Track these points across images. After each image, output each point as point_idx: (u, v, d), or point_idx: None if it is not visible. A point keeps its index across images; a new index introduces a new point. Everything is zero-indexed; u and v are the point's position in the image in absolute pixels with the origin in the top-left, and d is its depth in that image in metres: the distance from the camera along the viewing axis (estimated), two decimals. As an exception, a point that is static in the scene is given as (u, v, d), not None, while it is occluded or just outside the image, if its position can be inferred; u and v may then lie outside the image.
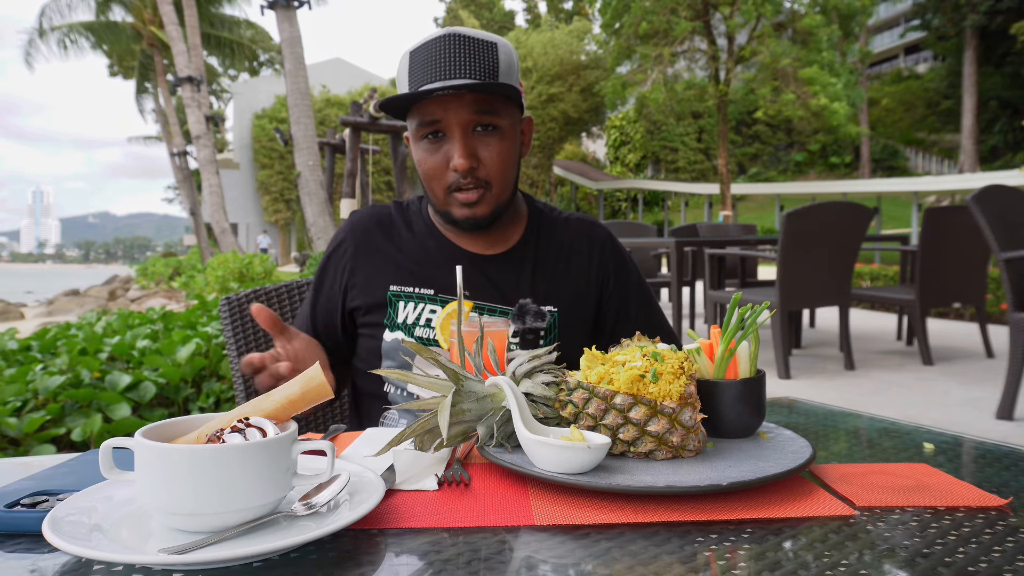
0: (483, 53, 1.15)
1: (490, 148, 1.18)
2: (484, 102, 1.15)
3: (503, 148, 1.19)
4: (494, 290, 1.26)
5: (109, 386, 2.86)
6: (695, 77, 23.73)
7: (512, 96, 1.17)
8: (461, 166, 1.15)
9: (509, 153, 1.20)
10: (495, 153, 1.18)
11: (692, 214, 31.48)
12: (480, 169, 1.17)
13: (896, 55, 40.92)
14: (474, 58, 1.14)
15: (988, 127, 29.76)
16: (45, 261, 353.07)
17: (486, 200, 1.20)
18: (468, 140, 1.16)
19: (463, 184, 1.17)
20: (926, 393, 4.19)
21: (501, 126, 1.18)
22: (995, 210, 3.37)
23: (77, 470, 0.79)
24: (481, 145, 1.17)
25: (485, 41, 1.17)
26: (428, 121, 1.16)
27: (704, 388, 0.84)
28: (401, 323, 1.24)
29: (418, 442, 0.79)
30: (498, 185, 1.20)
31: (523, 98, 1.25)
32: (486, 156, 1.17)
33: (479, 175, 1.18)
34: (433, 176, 1.19)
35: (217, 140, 35.65)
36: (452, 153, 1.16)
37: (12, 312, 15.35)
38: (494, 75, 1.16)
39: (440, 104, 1.14)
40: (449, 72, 1.13)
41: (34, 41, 23.31)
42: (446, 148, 1.17)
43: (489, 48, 1.16)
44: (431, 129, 1.17)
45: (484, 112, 1.15)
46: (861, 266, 9.43)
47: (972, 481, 0.76)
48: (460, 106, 1.14)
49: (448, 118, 1.15)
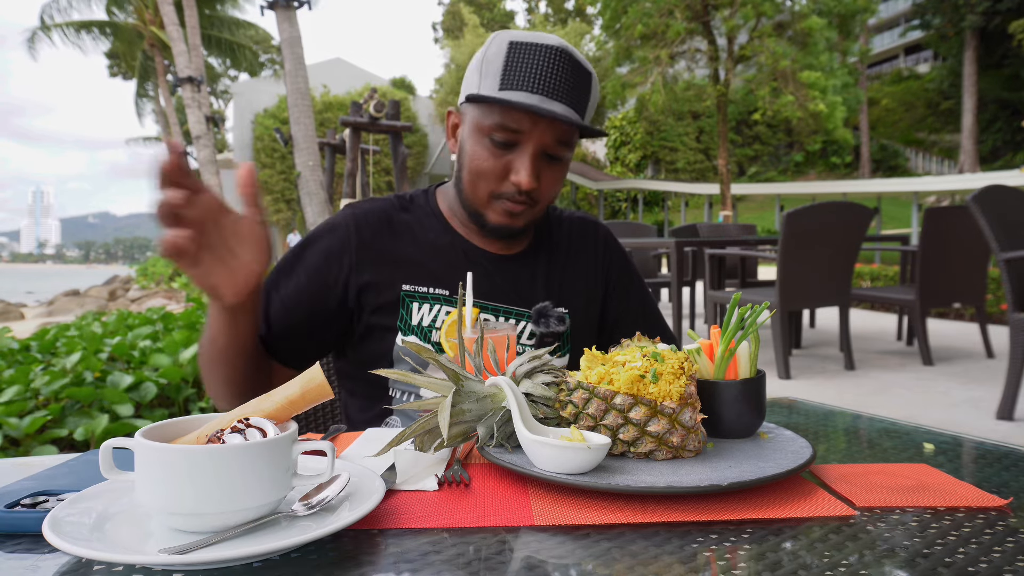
0: (586, 84, 1.16)
1: (551, 174, 1.18)
2: (567, 132, 1.15)
3: (561, 175, 1.20)
4: (512, 291, 1.24)
5: (110, 386, 2.86)
6: (695, 77, 23.73)
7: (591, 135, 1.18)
8: (527, 185, 1.13)
9: (563, 180, 1.22)
10: (554, 181, 1.19)
11: (692, 214, 31.47)
12: (536, 191, 1.17)
13: (896, 55, 40.92)
14: (575, 85, 1.14)
15: (988, 127, 29.76)
16: (45, 261, 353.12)
17: (527, 215, 1.20)
18: (539, 162, 1.15)
19: (515, 198, 1.17)
20: (926, 393, 4.19)
21: (567, 158, 1.19)
22: (995, 210, 3.37)
23: (77, 470, 0.79)
24: (546, 169, 1.17)
25: (587, 71, 1.17)
26: (510, 128, 1.12)
27: (704, 388, 0.84)
28: (416, 325, 1.19)
29: (418, 442, 0.79)
30: (543, 206, 1.21)
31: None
32: (545, 181, 1.18)
33: (533, 195, 1.17)
34: (486, 177, 1.16)
35: (217, 140, 35.65)
36: (519, 168, 1.14)
37: (12, 312, 15.34)
38: (584, 106, 1.17)
39: (530, 118, 1.12)
40: (552, 91, 1.12)
41: (37, 35, 23.31)
42: (511, 158, 1.14)
43: (588, 79, 1.17)
44: (506, 136, 1.13)
45: (563, 144, 1.16)
46: (861, 266, 9.43)
47: (972, 481, 0.75)
48: (547, 129, 1.13)
49: (531, 135, 1.13)
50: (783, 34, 21.38)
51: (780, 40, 20.63)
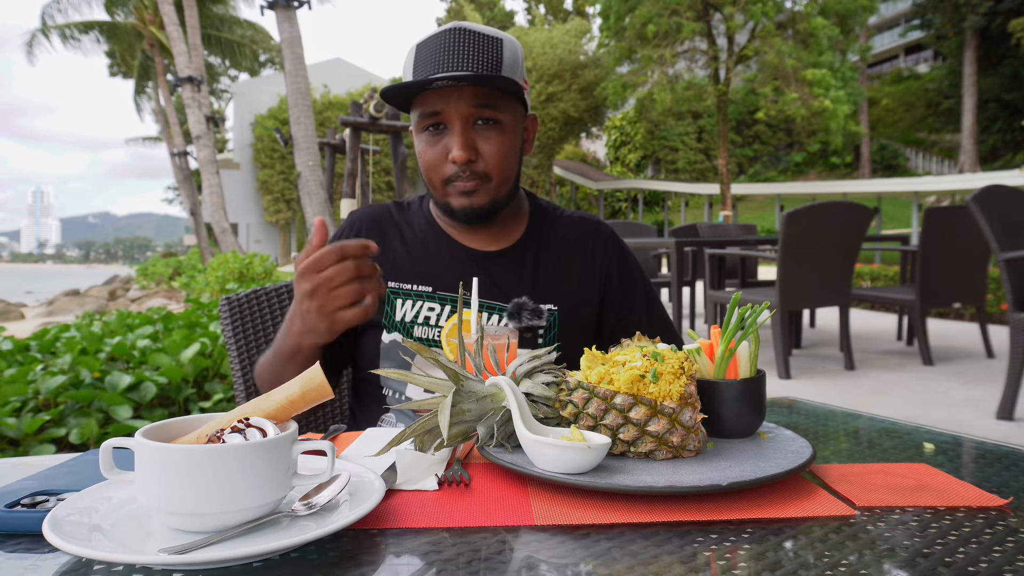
0: (487, 47, 1.16)
1: (490, 142, 1.18)
2: (485, 96, 1.15)
3: (503, 142, 1.19)
4: (495, 288, 1.25)
5: (109, 386, 2.86)
6: (695, 77, 23.72)
7: (514, 91, 1.17)
8: (459, 158, 1.15)
9: (509, 147, 1.20)
10: (495, 147, 1.18)
11: (692, 214, 31.47)
12: (479, 162, 1.17)
13: (896, 55, 40.91)
14: (478, 52, 1.14)
15: (988, 127, 29.74)
16: (45, 261, 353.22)
17: (483, 191, 1.20)
18: (468, 133, 1.16)
19: (461, 176, 1.18)
20: (926, 393, 4.19)
21: (502, 120, 1.18)
22: (995, 210, 3.37)
23: (77, 470, 0.79)
24: (481, 139, 1.17)
25: (490, 36, 1.17)
26: (429, 113, 1.16)
27: (704, 388, 0.84)
28: (399, 321, 1.23)
29: (418, 442, 0.79)
30: (497, 178, 1.20)
31: (527, 95, 1.24)
32: (485, 150, 1.18)
33: (477, 168, 1.18)
34: (432, 167, 1.20)
35: (217, 140, 35.66)
36: (451, 145, 1.16)
37: (12, 312, 15.34)
38: (497, 70, 1.16)
39: (441, 96, 1.14)
40: (452, 65, 1.13)
41: (36, 37, 23.30)
42: (446, 140, 1.17)
43: (494, 43, 1.16)
44: (432, 121, 1.17)
45: (485, 106, 1.16)
46: (861, 266, 9.43)
47: (972, 481, 0.75)
48: (460, 98, 1.14)
49: (448, 110, 1.15)
50: (783, 33, 21.38)
51: (783, 39, 20.63)
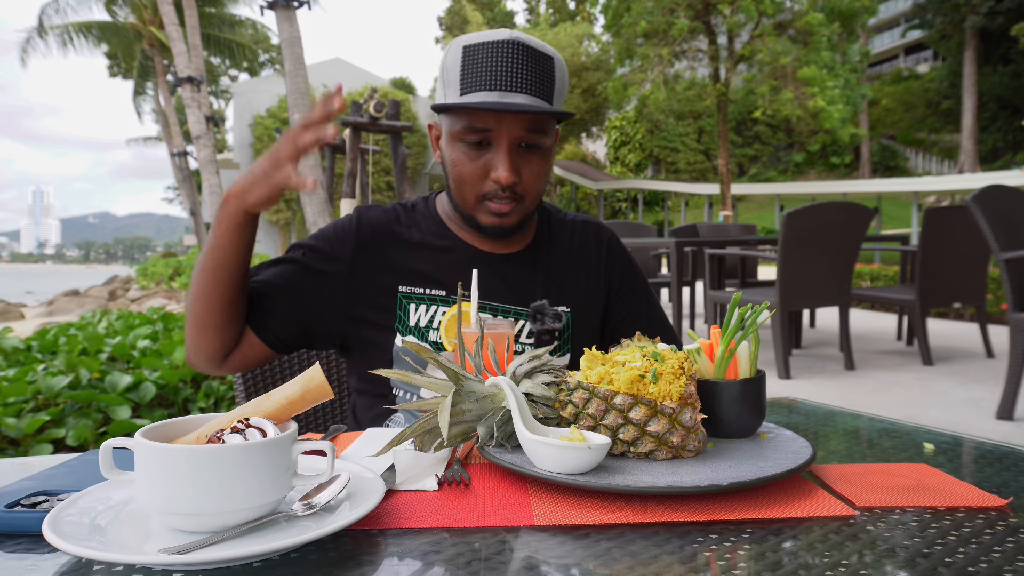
0: (543, 69, 1.15)
1: (532, 166, 1.18)
2: (537, 122, 1.15)
3: (543, 166, 1.19)
4: (509, 291, 1.25)
5: (109, 387, 2.86)
6: (695, 77, 23.72)
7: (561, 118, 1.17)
8: (506, 180, 1.14)
9: (547, 170, 1.21)
10: (535, 170, 1.18)
11: (692, 214, 31.46)
12: (519, 185, 1.17)
13: (896, 55, 40.91)
14: (534, 73, 1.13)
15: (988, 127, 29.75)
16: (45, 261, 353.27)
17: (516, 212, 1.20)
18: (514, 155, 1.15)
19: (499, 196, 1.17)
20: (926, 393, 4.19)
21: (544, 145, 1.18)
22: (995, 210, 3.37)
23: (77, 470, 0.79)
24: (523, 161, 1.17)
25: (546, 55, 1.16)
26: (477, 128, 1.14)
27: (704, 388, 0.84)
28: (413, 326, 1.22)
29: (418, 442, 0.79)
30: (531, 199, 1.20)
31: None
32: (526, 173, 1.17)
33: (516, 190, 1.17)
34: (469, 182, 1.18)
35: (217, 140, 35.65)
36: (496, 165, 1.14)
37: (12, 312, 15.33)
38: (550, 92, 1.15)
39: (494, 116, 1.13)
40: (510, 84, 1.12)
41: (32, 39, 23.25)
42: (488, 158, 1.15)
43: (548, 64, 1.16)
44: (478, 137, 1.15)
45: (535, 131, 1.15)
46: (861, 266, 9.43)
47: (972, 481, 0.76)
48: (515, 122, 1.13)
49: (500, 131, 1.13)
50: (783, 33, 21.37)
51: (781, 38, 20.62)
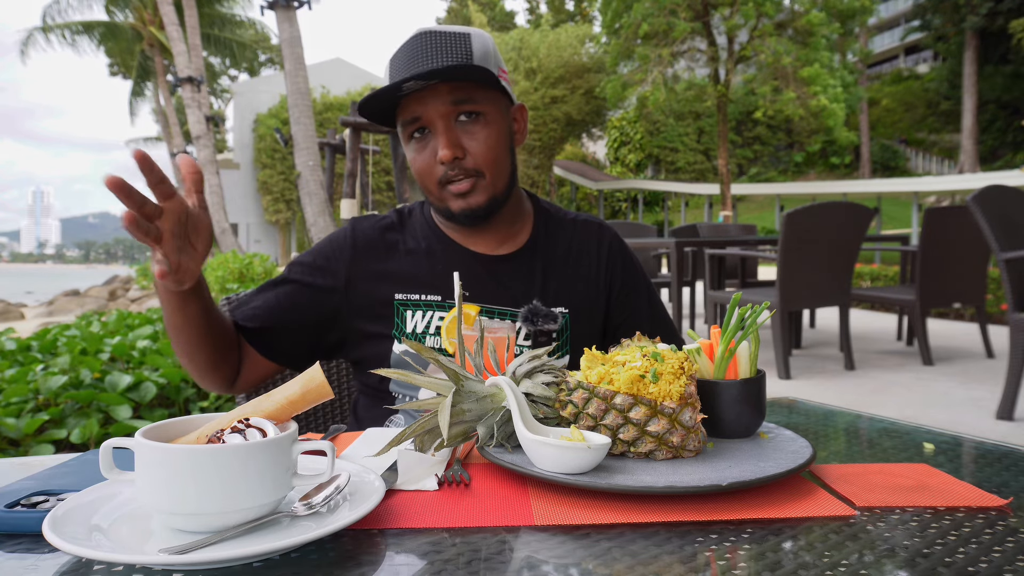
0: (454, 43, 1.15)
1: (475, 136, 1.16)
2: (461, 90, 1.14)
3: (489, 134, 1.17)
4: (504, 292, 1.24)
5: (109, 387, 2.86)
6: (695, 77, 23.73)
7: (488, 80, 1.15)
8: (446, 156, 1.13)
9: (497, 139, 1.18)
10: (480, 140, 1.16)
11: (692, 214, 31.47)
12: (467, 159, 1.16)
13: (896, 55, 40.91)
14: (445, 49, 1.13)
15: (988, 127, 29.75)
16: (45, 261, 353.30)
17: (480, 189, 1.18)
18: (451, 131, 1.15)
19: (452, 176, 1.16)
20: (926, 393, 4.19)
21: (483, 112, 1.16)
22: (995, 210, 3.37)
23: (77, 470, 0.79)
24: (465, 135, 1.16)
25: (456, 33, 1.16)
26: (410, 119, 1.16)
27: (704, 388, 0.84)
28: (410, 333, 1.21)
29: (418, 442, 0.79)
30: (490, 173, 1.18)
31: (507, 83, 1.21)
32: (472, 145, 1.16)
33: (467, 165, 1.16)
34: (424, 173, 1.18)
35: (217, 140, 35.65)
36: (435, 145, 1.15)
37: (12, 312, 15.34)
38: (465, 59, 1.14)
39: (418, 100, 1.14)
40: (419, 62, 1.13)
41: (33, 37, 23.24)
42: (432, 143, 1.16)
43: (461, 38, 1.15)
44: (415, 127, 1.16)
45: (462, 100, 1.14)
46: (861, 266, 9.43)
47: (972, 481, 0.75)
48: (436, 97, 1.13)
49: (427, 112, 1.14)
50: (783, 33, 21.38)
51: (781, 38, 20.63)
